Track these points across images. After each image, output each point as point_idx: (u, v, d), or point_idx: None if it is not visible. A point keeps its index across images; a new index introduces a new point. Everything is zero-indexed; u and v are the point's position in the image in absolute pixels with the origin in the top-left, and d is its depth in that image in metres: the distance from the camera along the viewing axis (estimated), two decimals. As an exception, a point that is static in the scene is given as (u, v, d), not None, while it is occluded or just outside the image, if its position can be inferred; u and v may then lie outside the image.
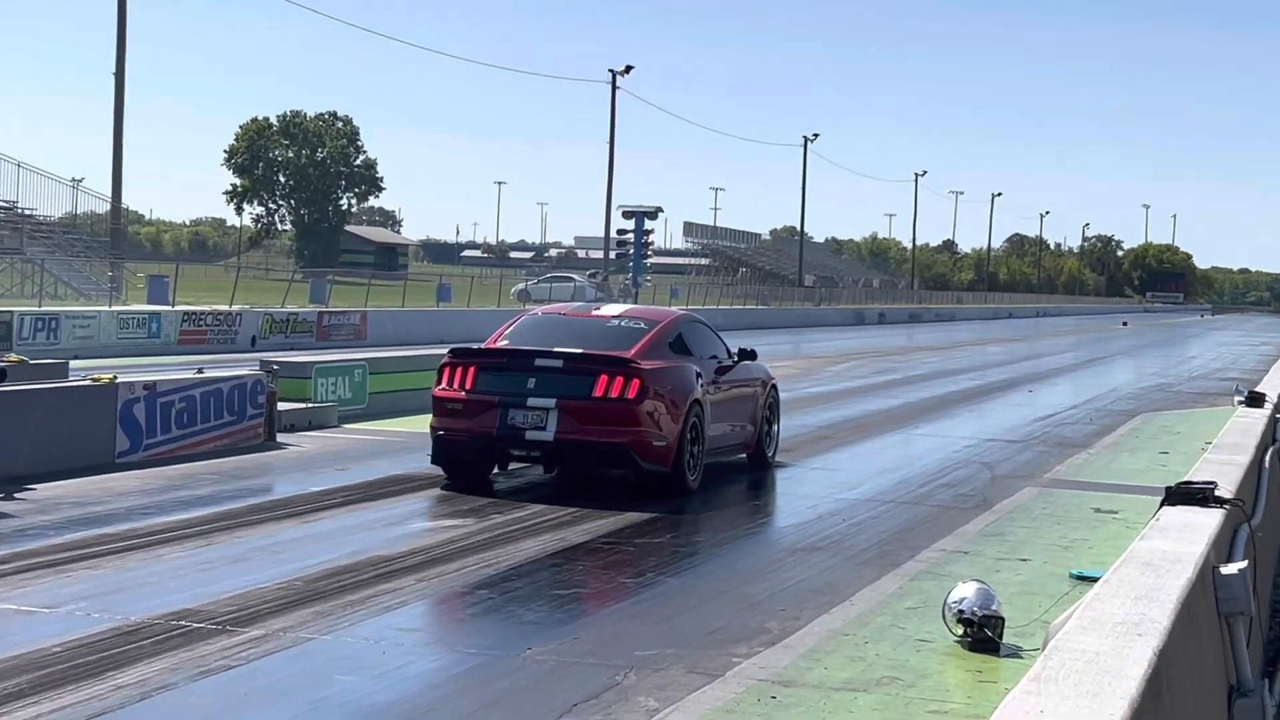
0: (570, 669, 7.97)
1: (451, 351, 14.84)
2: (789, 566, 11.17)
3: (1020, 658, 8.49)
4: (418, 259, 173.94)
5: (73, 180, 59.60)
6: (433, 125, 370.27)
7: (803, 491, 15.31)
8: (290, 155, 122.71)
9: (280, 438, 17.43)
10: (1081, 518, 13.95)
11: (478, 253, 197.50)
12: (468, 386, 14.32)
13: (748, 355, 16.53)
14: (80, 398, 15.07)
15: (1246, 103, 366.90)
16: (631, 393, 13.92)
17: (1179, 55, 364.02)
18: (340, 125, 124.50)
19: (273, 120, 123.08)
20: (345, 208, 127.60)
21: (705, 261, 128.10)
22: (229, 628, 8.46)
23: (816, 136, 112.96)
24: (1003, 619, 8.79)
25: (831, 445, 19.51)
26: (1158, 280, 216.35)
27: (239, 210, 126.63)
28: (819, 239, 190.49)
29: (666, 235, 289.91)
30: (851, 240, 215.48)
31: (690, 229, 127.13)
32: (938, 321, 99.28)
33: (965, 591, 8.89)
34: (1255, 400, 14.93)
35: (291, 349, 36.38)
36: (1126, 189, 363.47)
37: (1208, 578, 5.97)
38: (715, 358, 15.87)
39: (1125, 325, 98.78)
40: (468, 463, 14.61)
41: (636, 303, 53.52)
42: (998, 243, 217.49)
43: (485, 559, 10.83)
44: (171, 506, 12.73)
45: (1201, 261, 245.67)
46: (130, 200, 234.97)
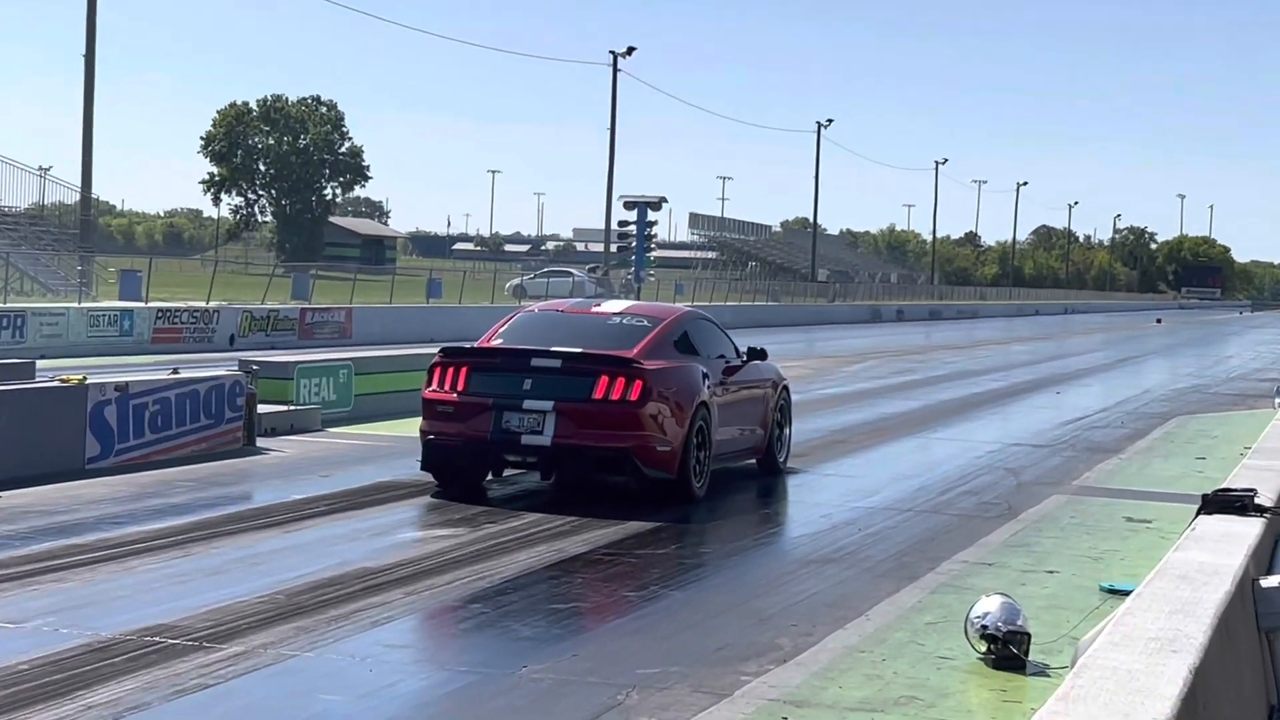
0: (568, 688, 7.97)
1: (442, 351, 14.86)
2: (801, 579, 11.18)
3: (1047, 676, 8.49)
4: (406, 252, 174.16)
5: (39, 169, 59.73)
6: (422, 110, 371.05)
7: (816, 499, 15.33)
8: (271, 142, 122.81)
9: (260, 442, 17.46)
10: (1112, 527, 13.95)
11: (470, 246, 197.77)
12: (460, 388, 14.33)
13: (757, 355, 16.54)
14: (48, 400, 15.08)
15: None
16: (634, 395, 13.94)
17: (1217, 37, 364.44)
18: (324, 110, 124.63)
19: (253, 105, 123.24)
20: (329, 198, 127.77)
21: (712, 255, 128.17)
22: (206, 644, 8.47)
23: (830, 122, 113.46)
24: (1029, 635, 8.80)
25: (846, 450, 19.53)
26: (1193, 275, 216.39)
27: (216, 201, 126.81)
28: (833, 231, 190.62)
29: (671, 227, 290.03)
30: (868, 232, 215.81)
31: (696, 220, 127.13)
32: (959, 319, 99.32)
33: (989, 606, 8.89)
34: (1297, 402, 14.92)
35: (272, 348, 36.43)
36: (1160, 178, 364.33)
37: (1247, 591, 5.97)
38: (723, 357, 15.89)
39: (1159, 323, 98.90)
40: (460, 469, 14.61)
41: (639, 299, 53.63)
42: (1023, 235, 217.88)
43: (478, 571, 10.84)
44: (145, 515, 12.74)
45: (1240, 255, 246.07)
46: (101, 190, 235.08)
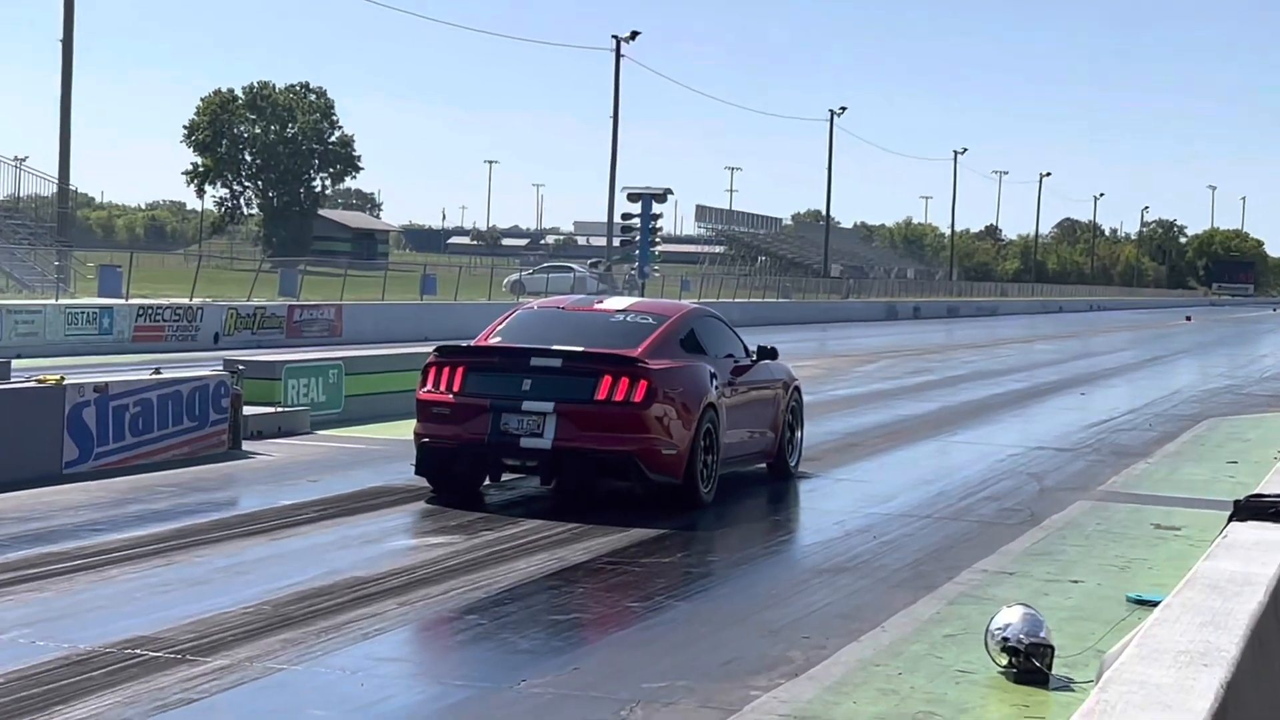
0: (569, 703, 7.97)
1: (438, 350, 14.86)
2: (813, 589, 11.18)
3: (1072, 690, 8.49)
4: (399, 247, 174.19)
5: (14, 159, 59.71)
6: (416, 98, 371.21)
7: (828, 506, 15.33)
8: (257, 131, 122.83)
9: (246, 446, 17.46)
10: (1140, 535, 13.95)
11: (466, 240, 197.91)
12: (456, 389, 14.33)
13: (768, 354, 16.54)
14: (23, 401, 15.09)
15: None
16: (638, 395, 13.93)
17: (1249, 23, 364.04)
18: (313, 98, 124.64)
19: (238, 92, 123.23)
20: (319, 190, 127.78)
21: (720, 249, 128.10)
22: (189, 657, 8.47)
23: (844, 110, 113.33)
24: (1052, 648, 8.79)
25: (861, 454, 19.52)
26: (1225, 270, 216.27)
27: (200, 193, 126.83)
28: (846, 224, 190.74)
29: (677, 220, 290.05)
30: (883, 226, 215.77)
31: (703, 213, 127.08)
32: (979, 316, 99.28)
33: (1010, 617, 8.88)
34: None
35: (259, 347, 36.44)
36: (1190, 169, 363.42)
37: (1281, 601, 5.96)
38: (731, 356, 15.88)
39: (1189, 320, 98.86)
40: (456, 473, 14.62)
41: (643, 295, 53.61)
42: (1046, 228, 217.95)
43: (475, 580, 10.84)
44: (125, 522, 12.75)
45: (1274, 249, 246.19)
46: (79, 181, 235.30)
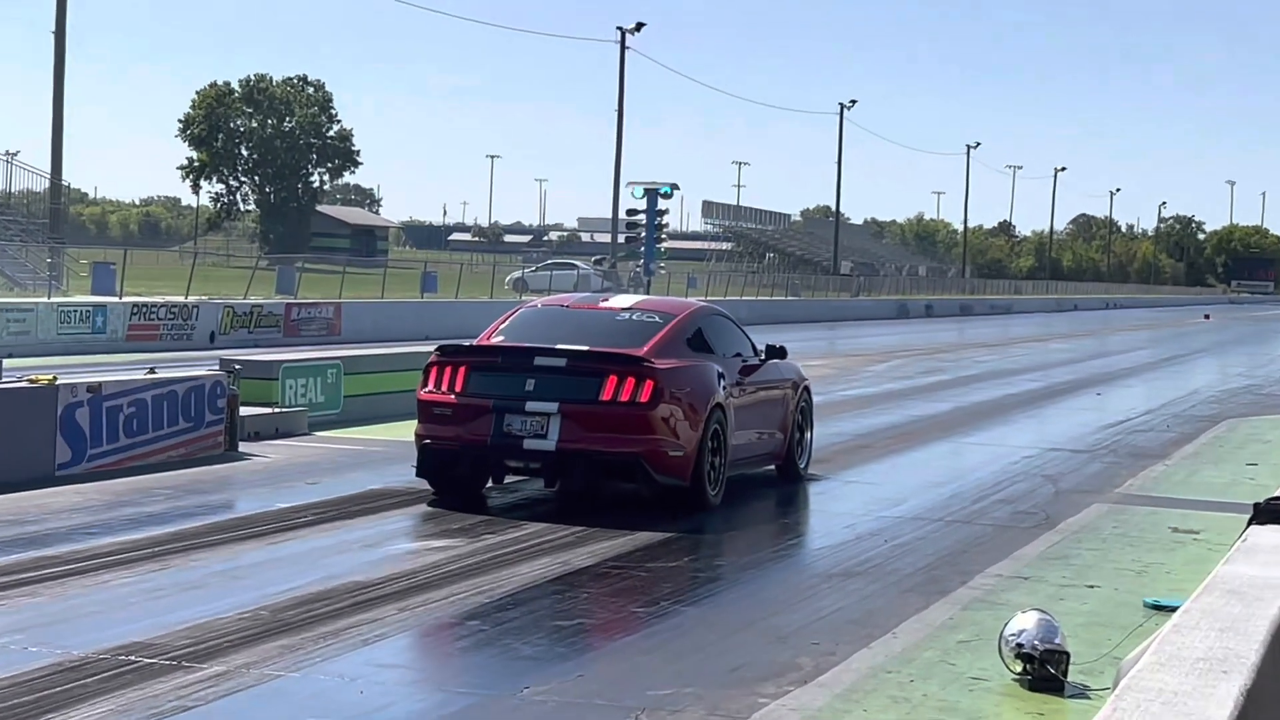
0: (573, 710, 7.98)
1: (439, 349, 14.87)
2: (823, 594, 11.18)
3: (1088, 698, 8.49)
4: (399, 243, 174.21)
5: (6, 154, 59.81)
6: (416, 92, 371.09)
7: (839, 509, 15.32)
8: (254, 125, 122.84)
9: (243, 447, 17.47)
10: (1157, 539, 13.94)
11: (467, 236, 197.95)
12: (458, 389, 14.34)
13: (776, 353, 16.54)
14: (15, 402, 15.10)
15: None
16: (644, 396, 13.94)
17: (1269, 13, 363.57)
18: (311, 91, 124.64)
19: (235, 85, 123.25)
20: (317, 185, 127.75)
21: (727, 246, 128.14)
22: (185, 663, 8.48)
23: (854, 103, 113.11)
24: (1067, 654, 8.79)
25: (872, 455, 19.52)
26: (1244, 267, 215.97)
27: (196, 188, 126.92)
28: (857, 220, 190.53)
29: (683, 216, 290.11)
30: (894, 222, 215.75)
31: (710, 209, 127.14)
32: (993, 314, 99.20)
33: (1025, 623, 8.88)
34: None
35: (255, 346, 36.44)
36: (1208, 163, 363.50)
37: (1302, 607, 5.96)
38: (740, 356, 15.89)
39: (1207, 319, 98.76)
40: (458, 476, 14.62)
41: (649, 293, 53.62)
42: (1061, 224, 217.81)
43: (477, 585, 10.84)
44: (119, 525, 12.76)
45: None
46: (72, 177, 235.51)
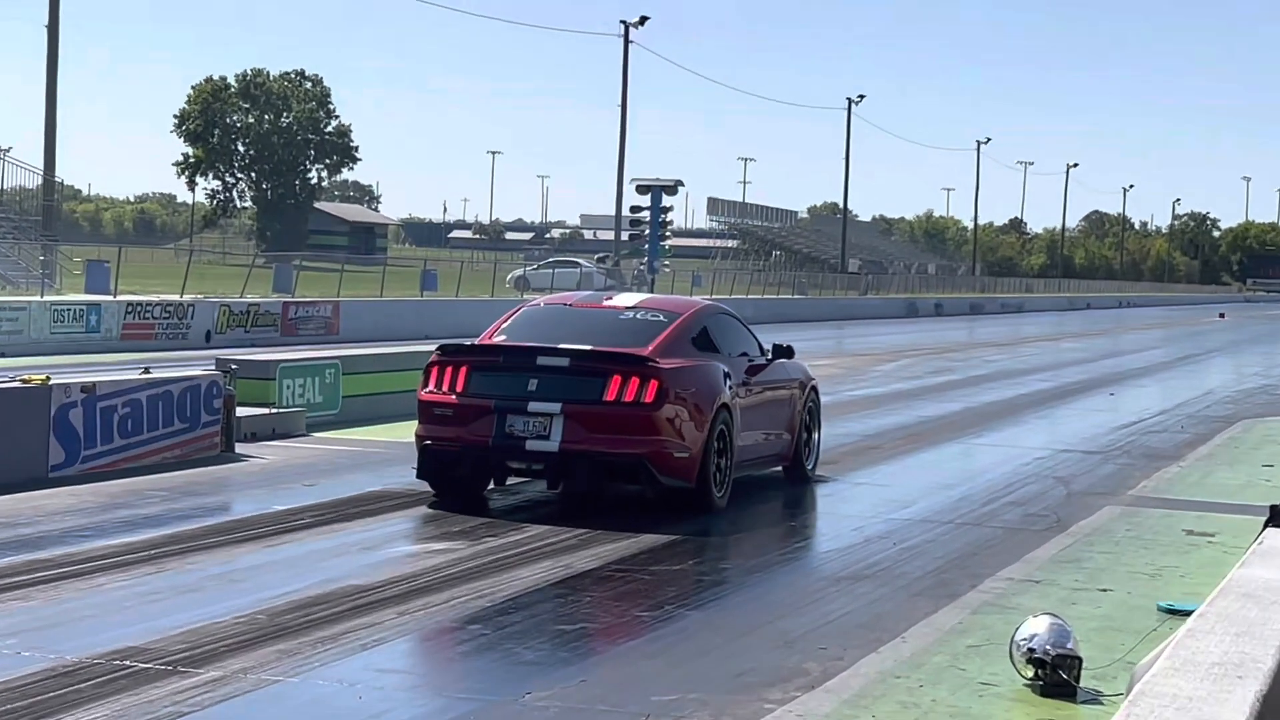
0: (576, 716, 7.98)
1: (440, 348, 14.87)
2: (831, 598, 11.18)
3: (1100, 704, 8.49)
4: (398, 241, 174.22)
5: (-1, 150, 59.76)
6: (416, 87, 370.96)
7: (847, 511, 15.32)
8: (251, 121, 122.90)
9: (239, 448, 17.47)
10: (1171, 541, 13.94)
11: (468, 234, 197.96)
12: (459, 389, 14.33)
13: (783, 352, 16.54)
14: (8, 402, 15.10)
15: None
16: (649, 396, 13.93)
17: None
18: (309, 86, 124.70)
19: (231, 80, 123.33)
20: (315, 182, 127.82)
21: (733, 244, 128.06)
22: (181, 668, 8.48)
23: (862, 99, 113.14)
24: (1080, 659, 8.79)
25: (880, 457, 19.52)
26: (1260, 265, 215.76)
27: (191, 185, 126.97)
28: (865, 218, 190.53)
29: (688, 213, 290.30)
30: (903, 219, 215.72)
31: (715, 206, 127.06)
32: (1003, 313, 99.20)
33: (1036, 627, 8.88)
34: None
35: (252, 345, 36.46)
36: (1223, 159, 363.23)
37: (1320, 611, 5.95)
38: (746, 355, 15.88)
39: (1222, 317, 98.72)
40: (459, 477, 14.63)
41: (653, 292, 53.62)
42: (1073, 221, 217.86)
43: (478, 589, 10.84)
44: (114, 528, 12.76)
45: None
46: (65, 173, 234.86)
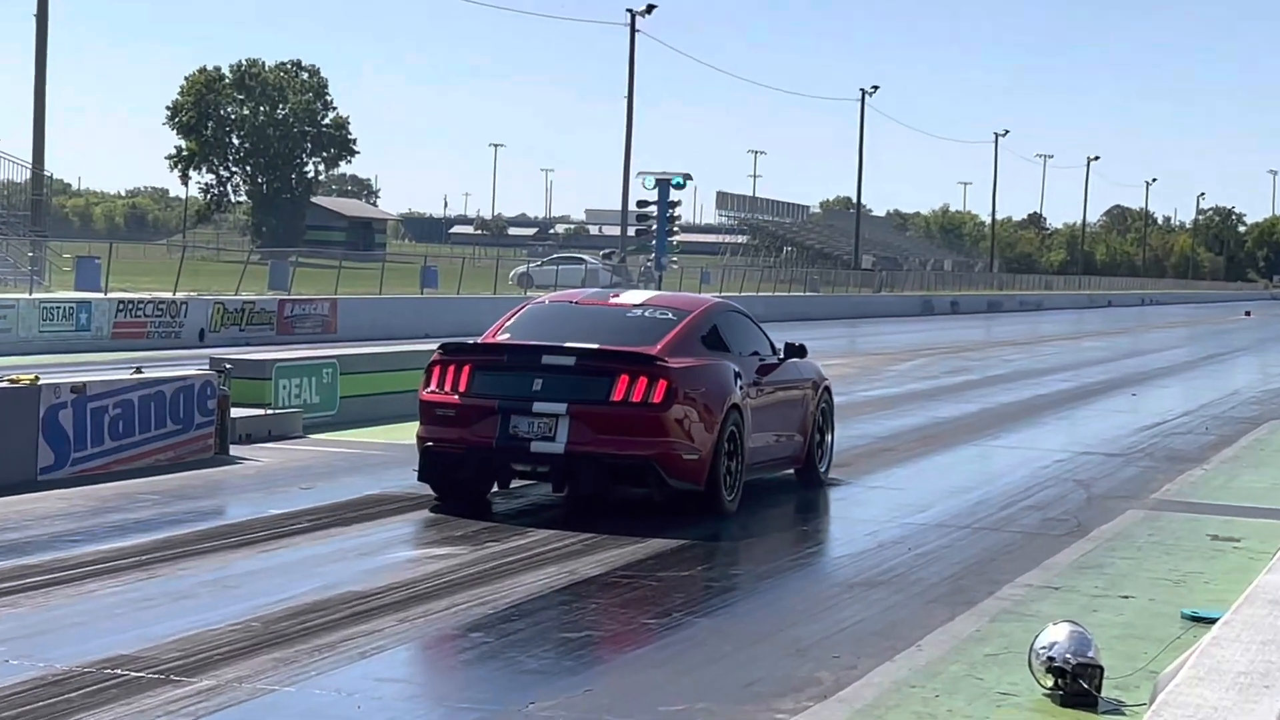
0: (582, 727, 7.97)
1: (442, 347, 14.87)
2: (844, 605, 11.18)
3: (1123, 715, 8.48)
4: (398, 236, 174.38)
5: (-14, 143, 59.84)
6: (416, 78, 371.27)
7: (860, 515, 15.32)
8: (246, 113, 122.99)
9: (234, 450, 17.48)
10: (1195, 546, 13.93)
11: (469, 229, 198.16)
12: (461, 389, 14.34)
13: (795, 351, 16.53)
14: (-4, 402, 15.11)
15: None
16: (657, 396, 13.93)
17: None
18: (305, 77, 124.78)
19: (225, 71, 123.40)
20: (311, 175, 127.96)
21: (743, 239, 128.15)
22: (174, 677, 8.49)
23: (876, 89, 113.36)
24: (1101, 668, 8.78)
25: (895, 459, 19.52)
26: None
27: (184, 179, 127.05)
28: (879, 212, 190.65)
29: (696, 208, 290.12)
30: (918, 214, 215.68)
31: (725, 200, 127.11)
32: (1022, 311, 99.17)
33: (1056, 635, 8.88)
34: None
35: (247, 344, 36.48)
36: (1249, 152, 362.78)
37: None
38: (757, 354, 15.88)
39: (1248, 315, 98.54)
40: (461, 480, 14.63)
41: (661, 289, 53.63)
42: (1094, 216, 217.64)
43: (480, 595, 10.85)
44: (104, 533, 12.77)
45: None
46: (54, 167, 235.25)
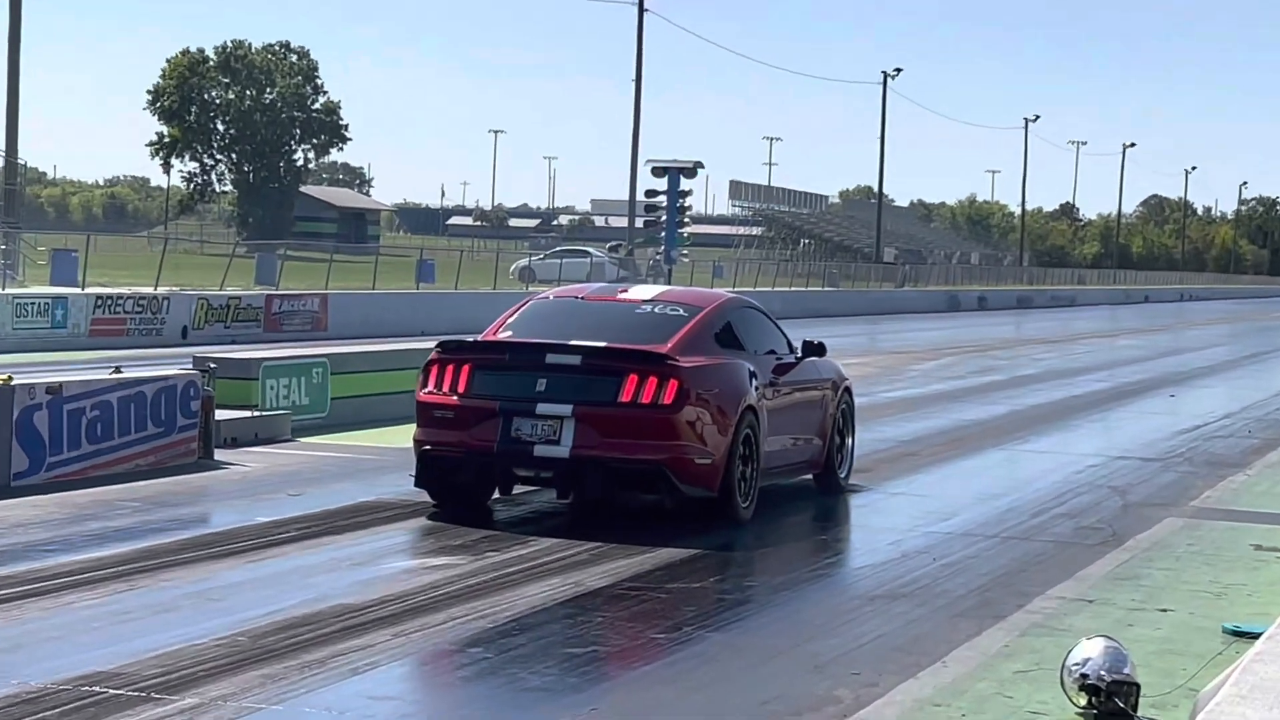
0: (588, 748, 7.98)
1: (440, 345, 14.87)
2: (865, 618, 11.17)
3: (1160, 735, 8.47)
4: (392, 228, 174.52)
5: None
6: (411, 60, 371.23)
7: (882, 523, 15.32)
8: (231, 97, 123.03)
9: (219, 455, 17.48)
10: (1237, 557, 13.92)
11: (468, 220, 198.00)
12: (461, 389, 14.34)
13: (814, 350, 16.52)
14: (-33, 404, 15.12)
15: None
16: (668, 397, 13.93)
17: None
18: (294, 60, 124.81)
19: (209, 53, 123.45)
20: (301, 164, 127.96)
21: (757, 231, 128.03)
22: (155, 695, 8.49)
23: (899, 72, 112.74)
24: (1138, 685, 8.77)
25: (919, 464, 19.51)
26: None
27: (166, 167, 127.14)
28: (902, 203, 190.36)
29: (708, 198, 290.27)
30: (943, 204, 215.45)
31: (738, 190, 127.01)
32: (1054, 307, 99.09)
33: (1090, 651, 8.87)
34: None
35: (233, 342, 36.51)
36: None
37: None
38: (773, 353, 15.88)
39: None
40: (460, 485, 14.63)
41: (671, 283, 53.54)
42: (1130, 207, 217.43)
43: (479, 608, 10.85)
44: (82, 542, 12.78)
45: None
46: (29, 154, 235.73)
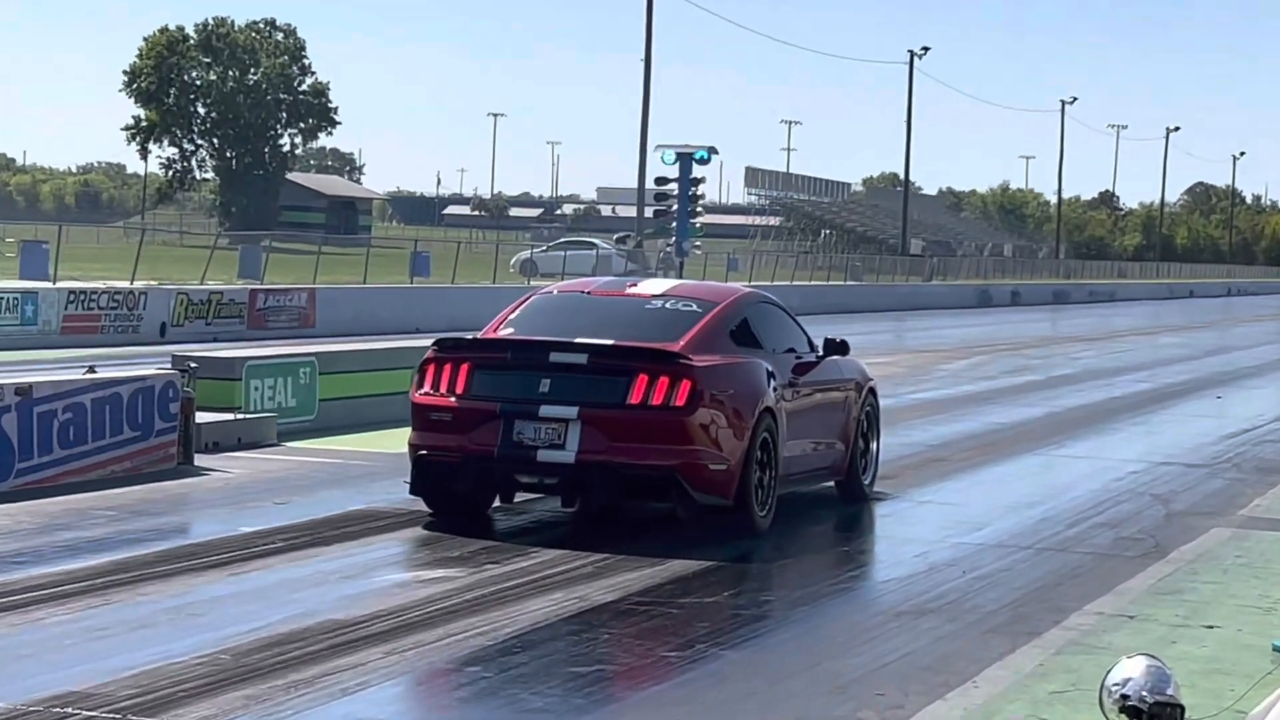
0: (594, 773, 7.98)
1: (437, 343, 14.85)
2: (890, 635, 11.17)
3: (1206, 760, 8.46)
4: (384, 218, 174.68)
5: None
6: (404, 38, 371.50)
7: (908, 533, 15.31)
8: (213, 78, 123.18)
9: (200, 460, 17.49)
10: (1290, 570, 13.91)
11: (465, 210, 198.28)
12: (459, 390, 14.33)
13: (836, 348, 16.51)
14: (-68, 406, 15.13)
15: None
16: (680, 398, 13.92)
17: None
18: (280, 38, 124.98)
19: (190, 31, 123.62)
20: (287, 149, 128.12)
21: (775, 221, 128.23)
22: (131, 716, 8.49)
23: (926, 51, 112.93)
24: (1182, 707, 8.75)
25: (948, 470, 19.51)
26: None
27: (144, 152, 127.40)
28: (930, 191, 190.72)
29: (723, 186, 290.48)
30: (974, 192, 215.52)
31: (754, 177, 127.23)
32: (1092, 302, 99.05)
33: (1131, 670, 8.85)
34: None
35: (214, 340, 36.51)
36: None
37: None
38: (793, 351, 15.87)
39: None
40: (458, 493, 14.62)
41: (683, 277, 53.56)
42: (1174, 195, 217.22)
43: (478, 624, 10.85)
44: (54, 553, 12.79)
45: None
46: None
